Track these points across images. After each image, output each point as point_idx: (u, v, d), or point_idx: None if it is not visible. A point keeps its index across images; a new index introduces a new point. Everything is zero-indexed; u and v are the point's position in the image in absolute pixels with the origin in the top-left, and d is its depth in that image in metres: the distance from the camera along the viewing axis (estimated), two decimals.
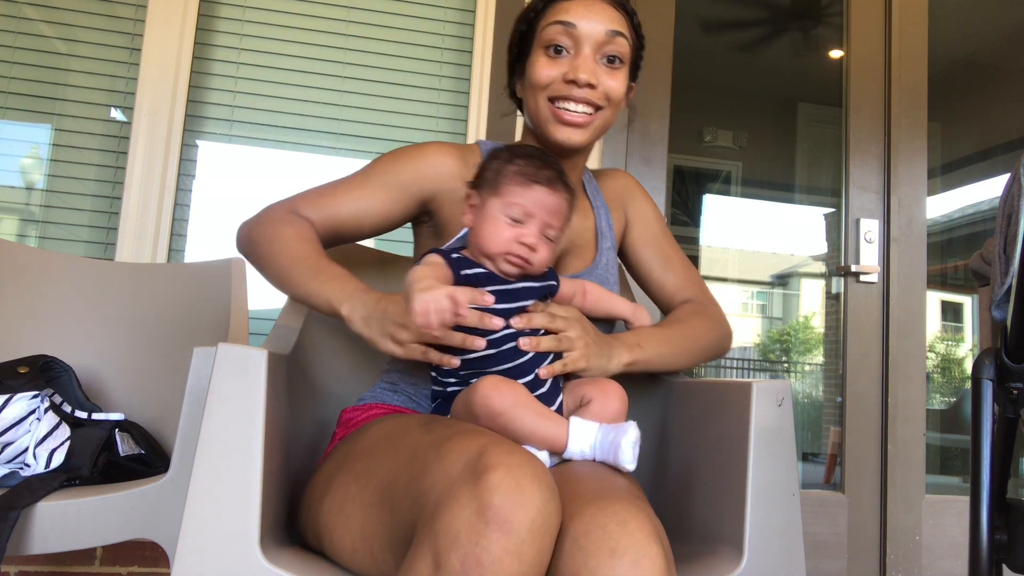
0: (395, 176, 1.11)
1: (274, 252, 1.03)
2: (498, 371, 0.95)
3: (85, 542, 1.10)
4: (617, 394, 0.99)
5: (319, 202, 1.10)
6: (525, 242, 0.96)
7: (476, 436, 0.78)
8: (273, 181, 2.15)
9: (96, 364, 1.56)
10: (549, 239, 0.99)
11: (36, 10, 2.07)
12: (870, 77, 2.44)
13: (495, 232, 0.96)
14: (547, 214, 0.97)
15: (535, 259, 0.97)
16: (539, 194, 0.97)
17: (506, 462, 0.70)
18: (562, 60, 1.09)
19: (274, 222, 1.06)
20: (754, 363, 5.73)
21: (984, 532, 1.04)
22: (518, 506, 0.67)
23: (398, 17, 2.23)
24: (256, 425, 0.84)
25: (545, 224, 0.97)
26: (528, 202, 0.96)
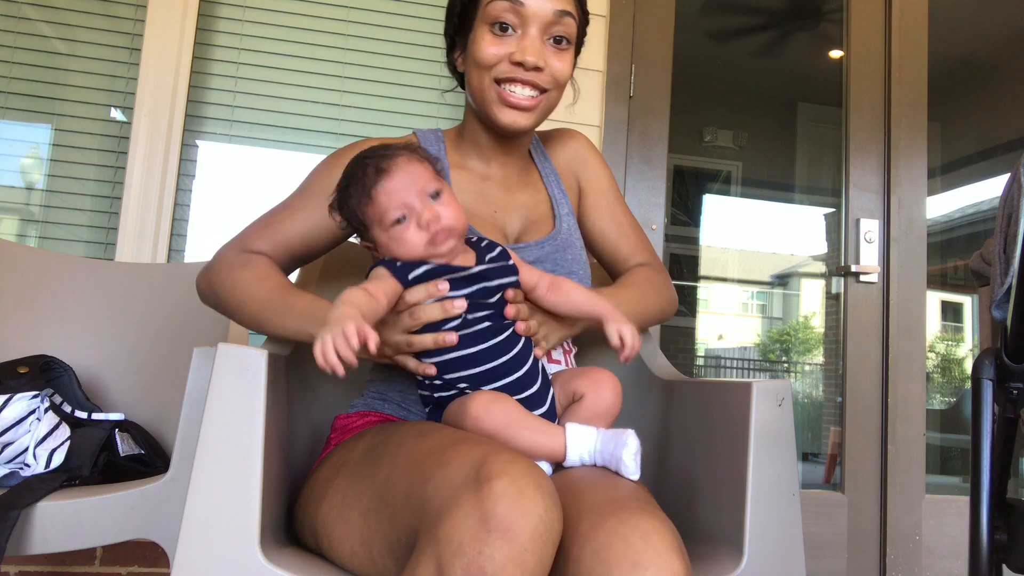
0: (332, 185, 1.05)
1: (240, 301, 1.02)
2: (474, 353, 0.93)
3: (85, 542, 1.10)
4: (610, 384, 0.97)
5: (266, 233, 1.07)
6: (425, 220, 0.92)
7: (477, 444, 0.77)
8: (273, 181, 2.15)
9: (96, 364, 1.56)
10: (434, 197, 0.95)
11: (36, 10, 2.07)
12: (870, 77, 2.44)
13: (403, 245, 0.94)
14: (409, 189, 0.94)
15: (446, 219, 0.93)
16: (387, 186, 0.94)
17: (509, 471, 0.70)
18: (508, 39, 1.06)
19: (230, 268, 1.04)
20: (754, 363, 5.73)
21: (984, 532, 1.04)
22: (521, 515, 0.67)
23: (398, 17, 2.23)
24: (256, 425, 0.84)
25: (419, 193, 0.94)
26: (388, 199, 0.94)
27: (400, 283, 0.92)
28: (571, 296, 1.02)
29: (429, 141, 1.19)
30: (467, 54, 1.10)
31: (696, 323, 4.66)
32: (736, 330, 5.82)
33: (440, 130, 1.23)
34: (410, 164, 0.95)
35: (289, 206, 1.10)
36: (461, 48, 1.13)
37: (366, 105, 2.17)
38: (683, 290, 4.34)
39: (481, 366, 0.93)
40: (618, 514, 0.74)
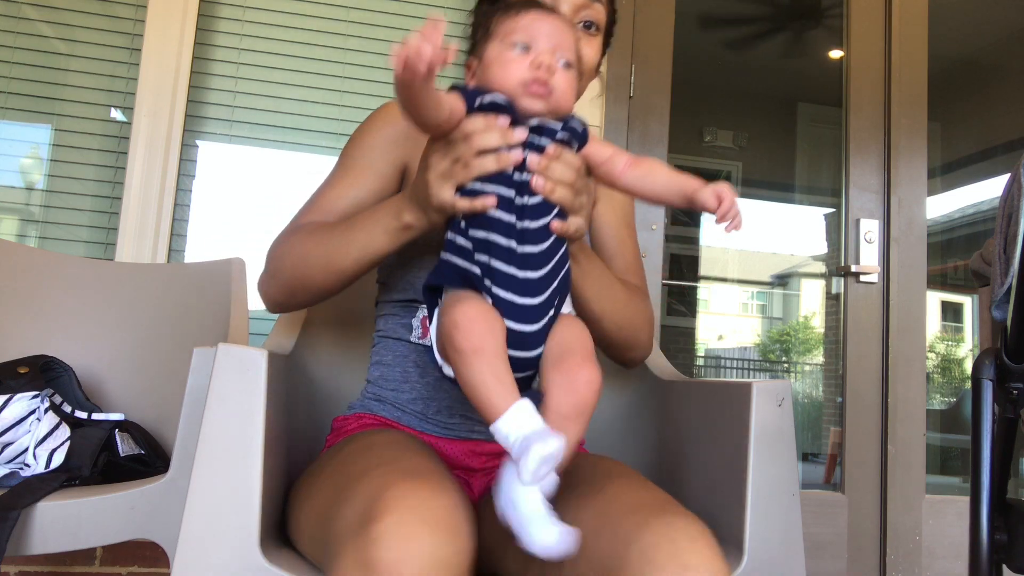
0: (370, 152, 1.06)
1: (304, 259, 0.96)
2: (502, 221, 0.81)
3: (85, 542, 1.10)
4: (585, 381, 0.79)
5: (314, 209, 1.03)
6: (542, 64, 0.84)
7: (382, 476, 0.73)
8: (273, 181, 2.15)
9: (96, 364, 1.56)
10: (565, 65, 0.87)
11: (36, 10, 2.07)
12: (870, 77, 2.44)
13: (503, 68, 0.86)
14: (552, 36, 0.87)
15: (555, 83, 0.85)
16: (535, 17, 0.88)
17: (396, 509, 0.65)
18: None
19: (280, 245, 1.00)
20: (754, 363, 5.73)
21: (984, 532, 1.04)
22: (407, 558, 0.62)
23: (398, 17, 2.23)
24: (256, 425, 0.84)
25: (555, 47, 0.87)
26: (527, 26, 0.87)
27: (465, 105, 0.83)
28: (654, 171, 0.89)
29: None
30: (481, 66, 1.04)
31: (696, 323, 4.66)
32: (736, 330, 5.82)
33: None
34: (567, 27, 0.90)
35: (332, 182, 1.06)
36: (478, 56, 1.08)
37: (366, 105, 2.17)
38: (683, 290, 4.34)
39: (504, 236, 0.81)
40: (663, 516, 0.73)
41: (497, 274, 0.81)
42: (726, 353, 5.84)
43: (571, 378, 0.79)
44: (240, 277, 1.57)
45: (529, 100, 0.85)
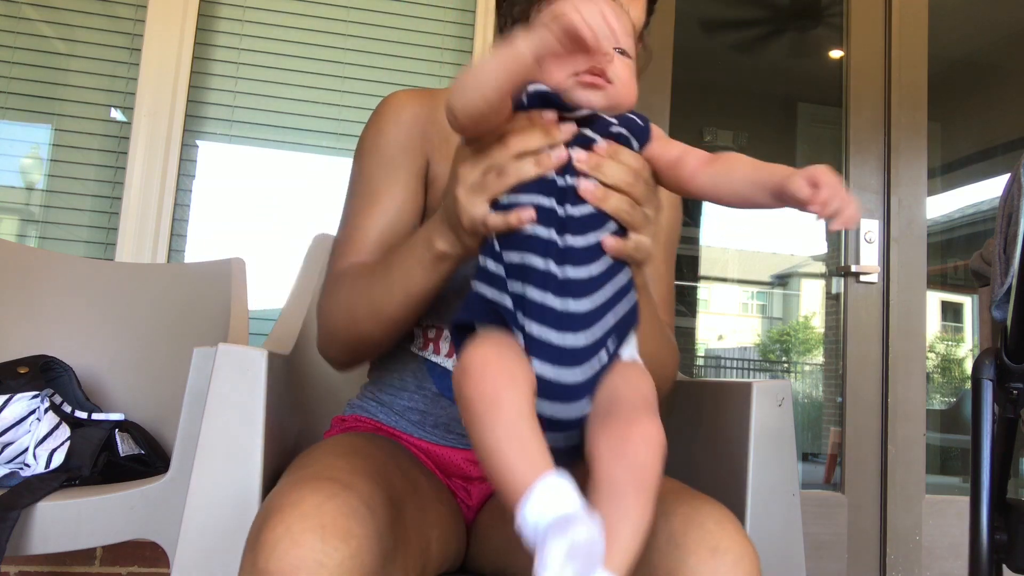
0: (386, 165, 0.97)
1: (352, 316, 0.88)
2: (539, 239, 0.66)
3: (85, 542, 1.10)
4: (645, 442, 0.62)
5: (346, 248, 0.94)
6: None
7: (287, 481, 0.69)
8: (273, 181, 2.15)
9: (96, 364, 1.56)
10: (620, 51, 0.73)
11: (36, 10, 2.07)
12: (870, 77, 2.44)
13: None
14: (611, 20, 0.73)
15: (614, 73, 0.71)
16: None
17: (287, 516, 0.62)
18: None
19: (328, 303, 0.93)
20: (754, 363, 5.73)
21: (984, 532, 1.04)
22: (295, 568, 0.59)
23: (398, 17, 2.22)
24: (256, 425, 0.84)
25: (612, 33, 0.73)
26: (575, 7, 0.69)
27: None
28: (734, 168, 0.72)
29: None
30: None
31: (696, 323, 4.66)
32: (736, 330, 5.82)
33: None
34: (621, 9, 0.75)
35: (358, 210, 0.96)
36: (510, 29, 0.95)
37: (366, 105, 2.17)
38: (683, 290, 4.34)
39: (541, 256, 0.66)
40: (690, 502, 0.73)
41: (531, 305, 0.65)
42: (726, 353, 5.84)
43: (622, 435, 0.62)
44: (240, 277, 1.57)
45: (584, 93, 0.70)
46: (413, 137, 0.99)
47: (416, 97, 1.01)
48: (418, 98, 1.01)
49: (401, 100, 1.01)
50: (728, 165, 0.72)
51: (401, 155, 0.97)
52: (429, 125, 0.99)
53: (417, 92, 1.02)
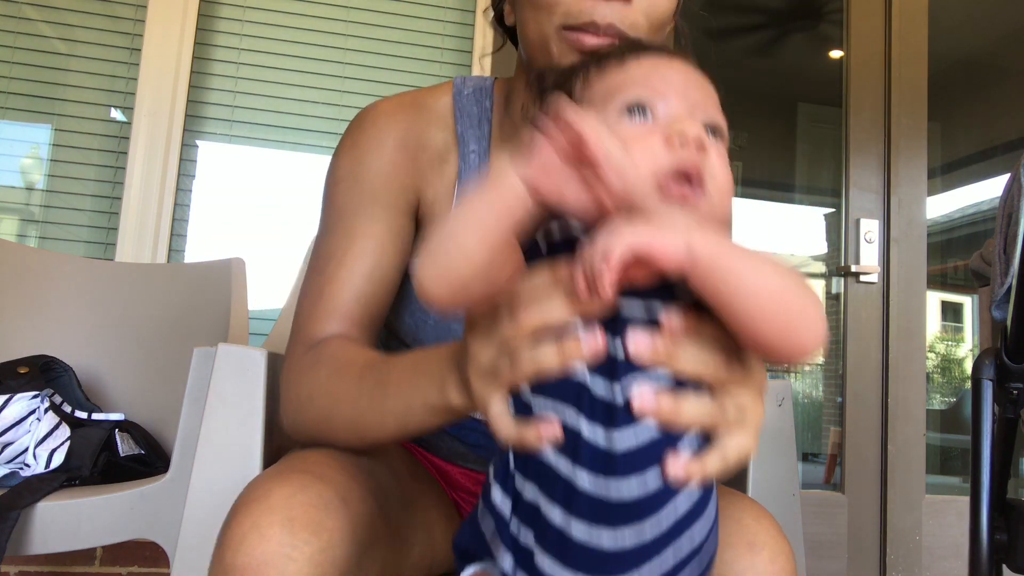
0: (368, 203, 0.81)
1: (327, 413, 0.72)
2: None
3: (85, 542, 1.10)
4: None
5: (322, 305, 0.78)
6: (684, 135, 0.49)
7: (265, 473, 0.66)
8: (273, 181, 2.15)
9: (96, 364, 1.56)
10: (712, 131, 0.54)
11: (36, 10, 2.07)
12: (870, 77, 2.44)
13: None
14: (691, 93, 0.55)
15: (711, 167, 0.50)
16: (653, 62, 0.56)
17: (254, 510, 0.59)
18: None
19: (299, 379, 0.76)
20: None
21: (984, 532, 1.04)
22: (263, 562, 0.57)
23: (398, 17, 2.22)
24: (256, 425, 0.84)
25: (696, 105, 0.54)
26: (645, 77, 0.54)
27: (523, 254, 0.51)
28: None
29: (467, 99, 0.87)
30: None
31: None
32: None
33: (490, 79, 0.89)
34: (699, 75, 0.58)
35: (333, 254, 0.80)
36: None
37: (366, 105, 2.17)
38: None
39: (560, 503, 0.47)
40: (726, 496, 0.71)
41: (548, 533, 0.47)
42: None
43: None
44: (240, 277, 1.57)
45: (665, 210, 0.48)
46: (399, 167, 0.83)
47: (401, 111, 0.85)
48: (403, 112, 0.85)
49: (383, 120, 0.84)
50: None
51: (383, 189, 0.82)
52: (419, 150, 0.84)
53: (402, 103, 0.86)
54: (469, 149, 0.85)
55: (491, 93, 0.87)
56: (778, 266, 0.46)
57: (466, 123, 0.86)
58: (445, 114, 0.86)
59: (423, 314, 0.85)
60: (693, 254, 0.43)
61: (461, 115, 0.86)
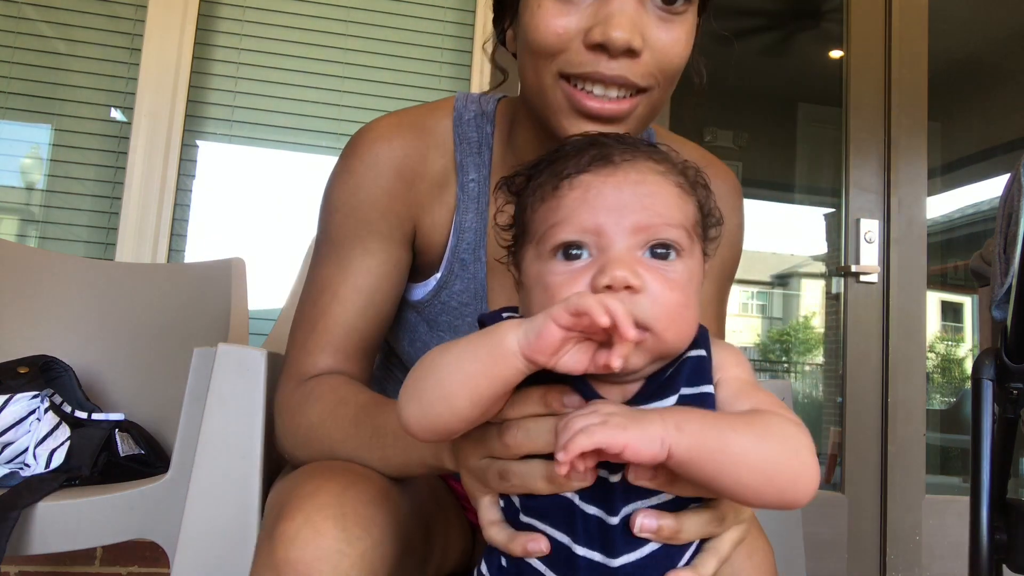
0: (365, 232, 0.79)
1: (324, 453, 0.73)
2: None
3: (85, 542, 1.10)
4: None
5: (315, 339, 0.78)
6: (607, 281, 0.50)
7: (302, 474, 0.66)
8: (273, 181, 2.15)
9: (96, 364, 1.56)
10: (660, 255, 0.52)
11: (36, 10, 2.07)
12: (870, 77, 2.44)
13: (550, 302, 0.50)
14: (628, 213, 0.52)
15: (647, 310, 0.50)
16: (586, 187, 0.53)
17: (306, 506, 0.59)
18: (581, 4, 0.67)
19: (292, 414, 0.76)
20: (754, 363, 5.73)
21: (984, 532, 1.04)
22: (316, 558, 0.57)
23: (398, 17, 2.22)
24: (256, 425, 0.84)
25: (634, 229, 0.52)
26: (572, 210, 0.53)
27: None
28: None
29: (468, 125, 0.83)
30: (519, 26, 0.72)
31: None
32: (736, 330, 5.82)
33: (494, 100, 0.86)
34: (650, 175, 0.54)
35: (326, 282, 0.80)
36: (511, 15, 0.75)
37: (366, 105, 2.17)
38: None
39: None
40: None
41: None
42: None
43: None
44: (240, 277, 1.57)
45: (608, 359, 0.49)
46: (395, 198, 0.80)
47: (399, 134, 0.81)
48: (401, 136, 0.81)
49: (380, 146, 0.81)
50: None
51: (379, 220, 0.79)
52: (416, 178, 0.81)
53: (400, 125, 0.82)
54: (468, 178, 0.83)
55: (493, 118, 0.85)
56: (764, 432, 0.49)
57: (466, 150, 0.83)
58: (445, 139, 0.83)
59: (422, 344, 0.85)
60: (669, 452, 0.45)
61: (460, 141, 0.83)
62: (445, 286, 0.83)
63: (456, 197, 0.82)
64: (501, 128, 0.84)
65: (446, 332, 0.85)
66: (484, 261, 0.83)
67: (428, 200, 0.82)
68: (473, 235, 0.82)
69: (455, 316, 0.84)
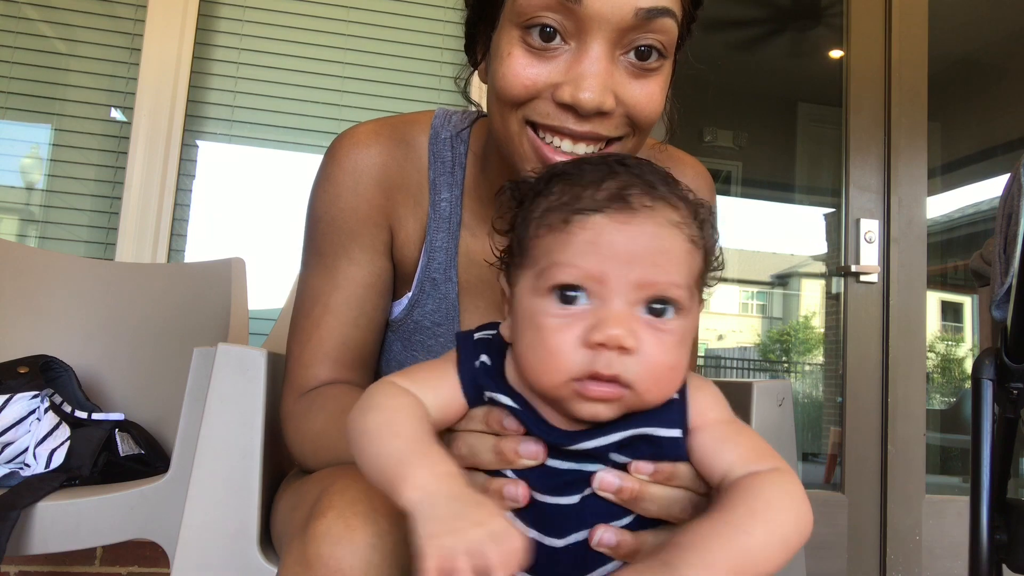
0: (347, 235, 0.82)
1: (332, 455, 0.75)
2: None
3: (85, 542, 1.10)
4: None
5: (309, 352, 0.81)
6: (601, 338, 0.50)
7: (330, 474, 0.68)
8: (273, 181, 2.15)
9: (96, 364, 1.56)
10: (657, 312, 0.52)
11: (36, 10, 2.07)
12: (870, 77, 2.44)
13: (539, 345, 0.52)
14: (635, 264, 0.51)
15: (634, 371, 0.51)
16: (598, 230, 0.52)
17: (337, 503, 0.60)
18: (553, 56, 0.66)
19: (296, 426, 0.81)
20: (754, 363, 5.72)
21: (984, 532, 1.04)
22: (347, 551, 0.58)
23: (398, 17, 2.22)
24: (256, 425, 0.84)
25: (638, 284, 0.51)
26: (579, 253, 0.52)
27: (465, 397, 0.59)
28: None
29: (443, 144, 0.85)
30: (489, 68, 0.72)
31: None
32: (736, 330, 5.81)
33: (470, 118, 0.87)
34: (666, 228, 0.53)
35: (316, 290, 0.83)
36: (484, 46, 0.75)
37: (366, 105, 2.17)
38: None
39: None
40: None
41: None
42: (726, 353, 5.83)
43: None
44: (240, 277, 1.57)
45: (583, 406, 0.52)
46: (374, 207, 0.83)
47: (378, 143, 0.83)
48: (379, 144, 0.83)
49: (360, 156, 0.83)
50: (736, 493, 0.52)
51: (361, 230, 0.82)
52: (393, 189, 0.83)
53: (380, 133, 0.84)
54: (440, 197, 0.84)
55: (467, 139, 0.86)
56: (770, 514, 0.50)
57: (439, 169, 0.85)
58: (421, 154, 0.85)
59: (397, 363, 0.87)
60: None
61: (435, 160, 0.85)
62: (417, 304, 0.85)
63: (428, 215, 0.84)
64: (475, 150, 0.85)
65: (419, 352, 0.86)
66: (455, 281, 0.84)
67: (403, 211, 0.84)
68: (444, 255, 0.84)
69: (428, 336, 0.86)
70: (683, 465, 0.55)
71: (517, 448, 0.54)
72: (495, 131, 0.73)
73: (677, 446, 0.54)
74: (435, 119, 0.87)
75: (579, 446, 0.53)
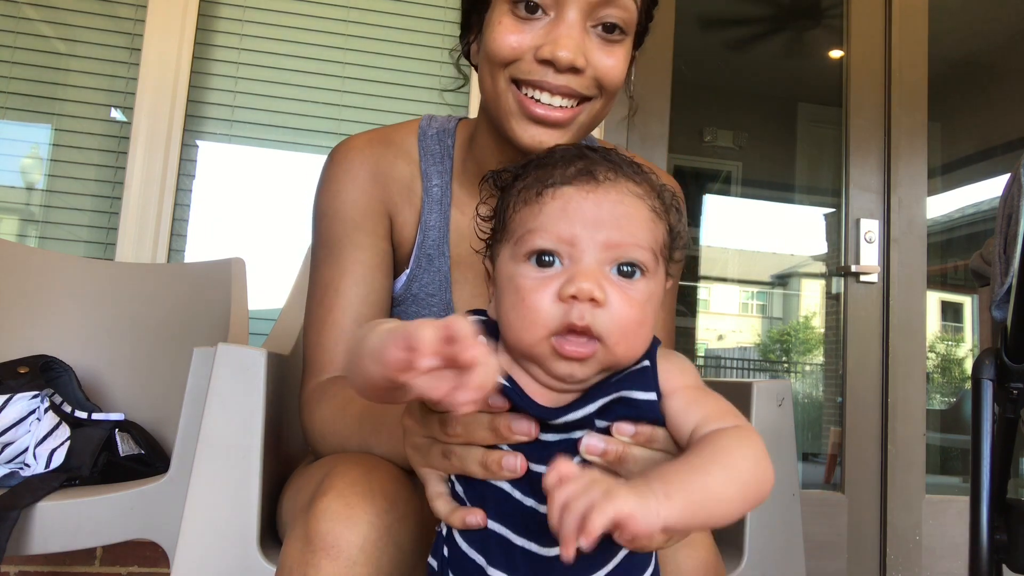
0: (352, 226, 0.90)
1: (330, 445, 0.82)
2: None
3: (85, 542, 1.10)
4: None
5: (324, 340, 0.87)
6: (573, 292, 0.55)
7: (332, 461, 0.73)
8: (273, 181, 2.15)
9: (96, 364, 1.56)
10: (625, 273, 0.57)
11: (36, 10, 2.07)
12: (870, 77, 2.44)
13: (519, 304, 0.57)
14: (604, 229, 0.57)
15: (604, 324, 0.55)
16: (566, 199, 0.58)
17: (338, 484, 0.65)
18: (535, 24, 0.78)
19: (311, 411, 0.85)
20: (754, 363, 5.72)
21: (984, 532, 1.04)
22: (347, 528, 0.62)
23: (398, 17, 2.22)
24: (256, 425, 0.84)
25: (607, 245, 0.57)
26: (551, 219, 0.57)
27: None
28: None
29: (431, 139, 0.96)
30: (481, 41, 0.84)
31: (696, 323, 4.66)
32: (736, 330, 5.81)
33: (455, 119, 0.99)
34: (628, 197, 0.59)
35: (327, 282, 0.89)
36: (477, 30, 0.86)
37: (366, 105, 2.16)
38: (684, 290, 4.34)
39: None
40: None
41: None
42: (726, 353, 5.83)
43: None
44: (240, 277, 1.57)
45: (560, 365, 0.56)
46: (373, 197, 0.92)
47: (370, 146, 0.93)
48: (371, 147, 0.93)
49: (355, 154, 0.93)
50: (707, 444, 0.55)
51: (363, 218, 0.91)
52: (388, 180, 0.92)
53: (371, 140, 0.94)
54: (432, 183, 0.94)
55: (453, 133, 0.96)
56: (730, 461, 0.53)
57: (429, 160, 0.94)
58: (411, 150, 0.94)
59: None
60: (667, 525, 0.48)
61: (424, 153, 0.95)
62: (415, 279, 0.93)
63: (421, 200, 0.93)
64: (461, 141, 0.96)
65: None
66: (448, 256, 0.93)
67: (399, 200, 0.93)
68: (437, 232, 0.93)
69: (423, 307, 0.93)
70: (660, 429, 0.58)
71: (511, 424, 0.57)
72: (486, 94, 0.83)
73: (653, 408, 0.58)
74: (422, 122, 0.98)
75: (564, 419, 0.57)
